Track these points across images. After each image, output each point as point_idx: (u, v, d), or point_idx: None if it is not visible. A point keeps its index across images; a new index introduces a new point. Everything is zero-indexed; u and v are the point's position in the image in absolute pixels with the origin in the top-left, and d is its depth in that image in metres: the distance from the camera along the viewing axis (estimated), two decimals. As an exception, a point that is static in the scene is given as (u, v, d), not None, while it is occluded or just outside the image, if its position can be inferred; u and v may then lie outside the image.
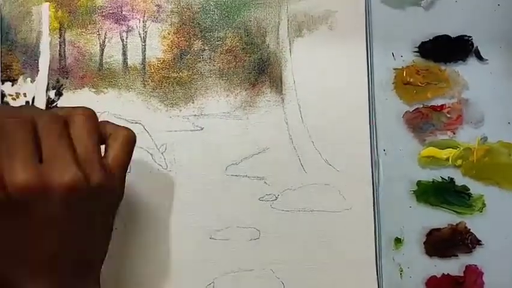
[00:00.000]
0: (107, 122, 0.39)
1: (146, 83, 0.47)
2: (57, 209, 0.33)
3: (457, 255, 0.45)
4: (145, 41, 0.47)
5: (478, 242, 0.45)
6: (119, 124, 0.40)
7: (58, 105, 0.47)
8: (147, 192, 0.46)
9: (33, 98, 0.47)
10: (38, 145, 0.33)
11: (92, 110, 0.37)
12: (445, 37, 0.47)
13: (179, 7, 0.48)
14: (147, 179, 0.46)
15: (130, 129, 0.39)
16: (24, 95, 0.47)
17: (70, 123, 0.35)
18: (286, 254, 0.45)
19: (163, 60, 0.47)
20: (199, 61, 0.47)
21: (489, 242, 0.45)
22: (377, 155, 0.46)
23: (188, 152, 0.46)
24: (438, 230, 0.45)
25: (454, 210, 0.45)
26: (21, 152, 0.32)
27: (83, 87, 0.47)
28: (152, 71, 0.47)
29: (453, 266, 0.45)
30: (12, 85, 0.47)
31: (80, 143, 0.35)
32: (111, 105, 0.47)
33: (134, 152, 0.46)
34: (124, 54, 0.47)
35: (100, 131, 0.37)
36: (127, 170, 0.39)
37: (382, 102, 0.47)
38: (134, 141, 0.39)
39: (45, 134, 0.33)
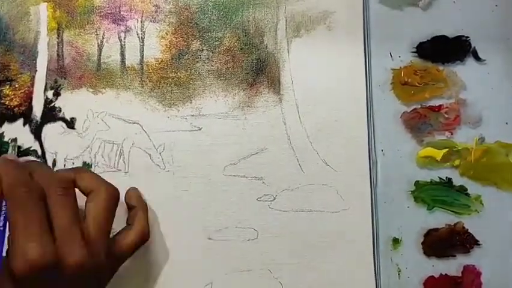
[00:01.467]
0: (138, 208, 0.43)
1: (144, 83, 0.47)
2: (64, 284, 0.34)
3: (455, 256, 0.45)
4: (143, 41, 0.47)
5: (475, 242, 0.45)
6: (118, 124, 0.40)
7: (56, 106, 0.47)
8: (145, 193, 0.46)
9: (31, 99, 0.47)
10: (48, 215, 0.34)
11: (117, 191, 0.39)
12: (443, 37, 0.47)
13: (178, 7, 0.48)
14: (145, 179, 0.46)
15: (146, 230, 0.42)
16: (22, 95, 0.47)
17: (92, 195, 0.38)
18: (284, 254, 0.45)
19: (161, 61, 0.47)
20: (197, 61, 0.47)
21: (487, 242, 0.45)
22: (375, 155, 0.46)
23: (187, 152, 0.46)
24: (436, 230, 0.45)
25: (451, 211, 0.46)
26: (36, 227, 0.33)
27: (81, 87, 0.47)
28: (150, 71, 0.47)
29: (451, 266, 0.45)
30: (11, 85, 0.47)
31: (94, 221, 0.37)
32: (109, 106, 0.46)
33: (132, 152, 0.46)
34: (122, 54, 0.47)
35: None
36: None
37: (380, 102, 0.47)
38: (145, 241, 0.42)
39: (56, 206, 0.35)
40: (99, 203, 0.37)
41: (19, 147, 0.45)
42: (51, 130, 0.46)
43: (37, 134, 0.46)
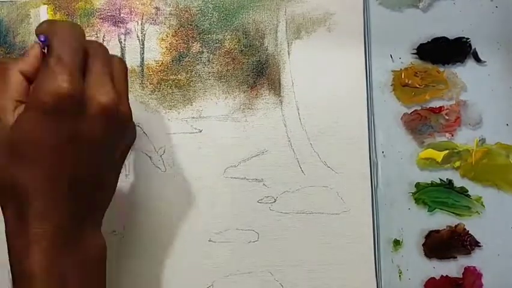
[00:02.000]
0: None
1: (144, 85, 0.47)
2: (89, 126, 0.33)
3: (456, 257, 0.45)
4: (143, 44, 0.47)
5: (476, 244, 0.45)
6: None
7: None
8: (146, 195, 0.46)
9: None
10: (85, 60, 0.34)
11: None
12: (443, 39, 0.47)
13: (178, 9, 0.48)
14: (146, 182, 0.46)
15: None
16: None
17: (111, 62, 0.37)
18: (285, 256, 0.45)
19: (162, 63, 0.47)
20: (198, 63, 0.47)
21: (488, 244, 0.45)
22: (376, 156, 0.46)
23: (187, 155, 0.46)
24: (437, 231, 0.45)
25: (452, 212, 0.46)
26: (71, 62, 0.32)
27: (82, 89, 0.47)
28: (151, 73, 0.47)
29: (452, 268, 0.45)
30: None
31: (116, 80, 0.36)
32: (109, 108, 0.46)
33: (133, 154, 0.46)
34: (123, 56, 0.47)
35: None
36: None
37: (380, 104, 0.47)
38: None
39: (94, 54, 0.35)
40: (121, 63, 0.38)
41: None
42: (51, 133, 0.46)
43: (38, 136, 0.46)
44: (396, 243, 0.45)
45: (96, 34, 0.47)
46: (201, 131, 0.46)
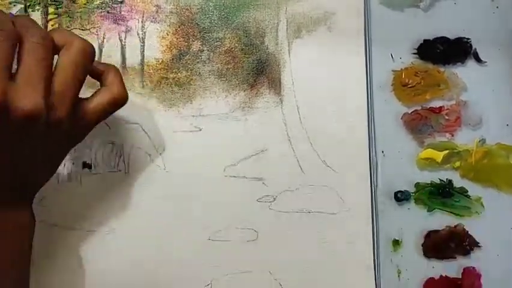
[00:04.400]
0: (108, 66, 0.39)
1: (144, 83, 0.47)
2: (12, 131, 0.32)
3: (455, 257, 0.45)
4: (143, 42, 0.47)
5: (476, 244, 0.45)
6: (118, 124, 0.40)
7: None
8: (145, 193, 0.45)
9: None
10: (18, 62, 0.32)
11: (92, 46, 0.36)
12: (444, 39, 0.47)
13: (178, 8, 0.48)
14: (145, 180, 0.46)
15: (121, 89, 0.38)
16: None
17: (65, 49, 0.35)
18: (284, 255, 0.45)
19: (162, 61, 0.47)
20: (198, 62, 0.47)
21: (487, 244, 0.45)
22: (376, 156, 0.46)
23: (187, 153, 0.46)
24: (436, 231, 0.45)
25: (452, 212, 0.46)
26: None
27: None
28: (151, 71, 0.47)
29: (451, 268, 0.45)
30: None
31: (62, 73, 0.34)
32: (109, 106, 0.46)
33: (132, 152, 0.46)
34: (123, 54, 0.47)
35: (92, 70, 0.37)
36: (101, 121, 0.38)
37: (381, 103, 0.47)
38: (122, 103, 0.38)
39: (28, 52, 0.32)
40: (69, 56, 0.34)
41: None
42: (51, 130, 0.46)
43: (37, 134, 0.46)
44: (396, 243, 0.45)
45: (96, 32, 0.47)
46: (200, 130, 0.46)
